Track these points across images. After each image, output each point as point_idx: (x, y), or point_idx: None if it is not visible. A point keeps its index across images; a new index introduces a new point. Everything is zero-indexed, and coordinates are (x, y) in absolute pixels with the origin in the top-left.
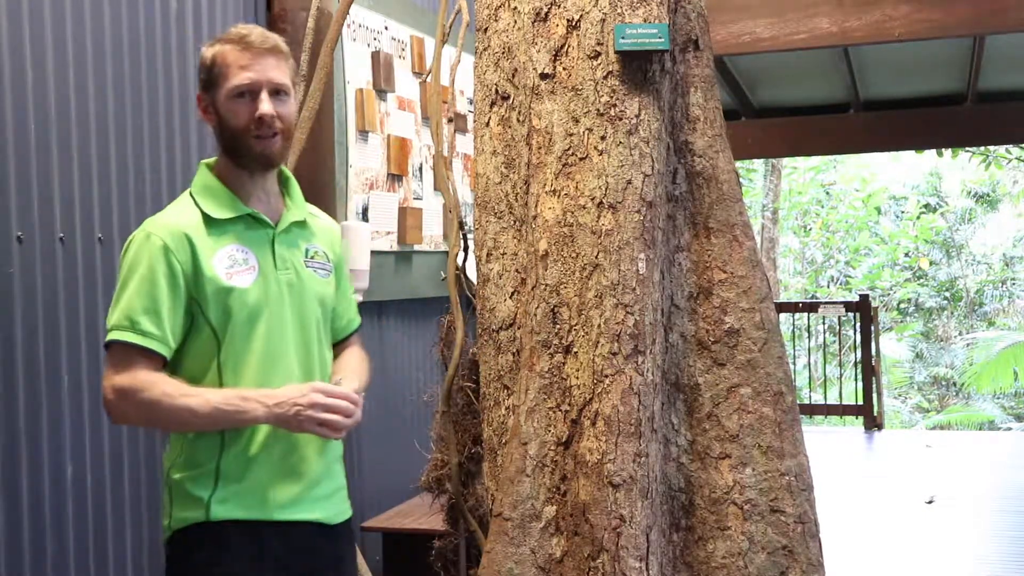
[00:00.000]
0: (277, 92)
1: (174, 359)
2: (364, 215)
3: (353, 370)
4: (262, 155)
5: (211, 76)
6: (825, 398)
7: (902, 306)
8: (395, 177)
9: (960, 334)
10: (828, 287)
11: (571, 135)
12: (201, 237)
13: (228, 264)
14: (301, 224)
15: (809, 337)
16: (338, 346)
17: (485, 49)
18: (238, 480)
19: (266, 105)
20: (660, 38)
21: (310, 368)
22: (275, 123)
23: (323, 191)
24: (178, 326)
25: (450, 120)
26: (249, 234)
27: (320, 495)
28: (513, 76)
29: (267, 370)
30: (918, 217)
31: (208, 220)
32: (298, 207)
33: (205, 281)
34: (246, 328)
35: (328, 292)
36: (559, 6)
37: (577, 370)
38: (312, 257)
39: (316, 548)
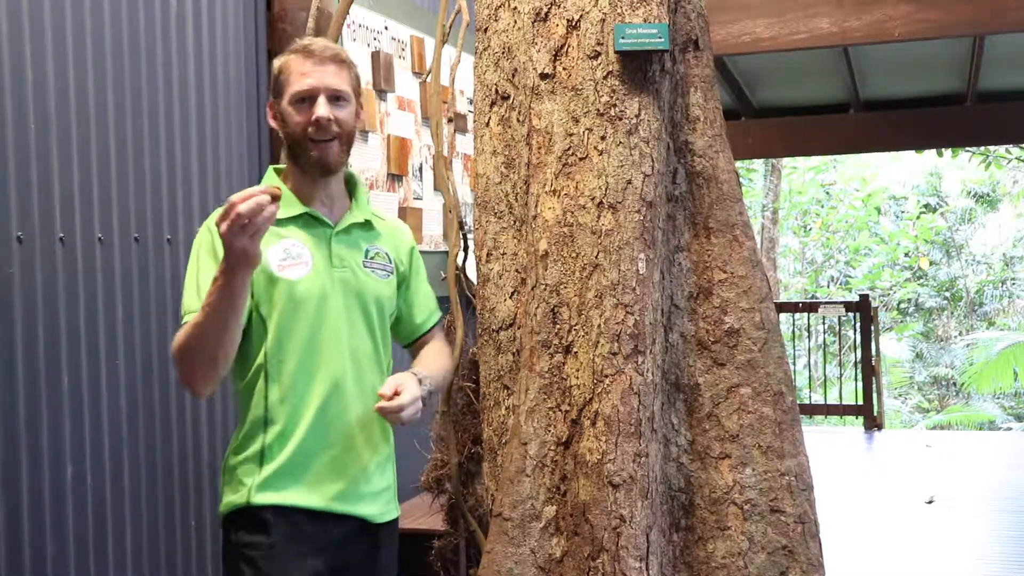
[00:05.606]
0: (336, 98)
1: None
2: None
3: (426, 364)
4: (320, 160)
5: (278, 84)
6: (825, 398)
7: (902, 306)
8: (395, 177)
9: (960, 334)
10: (828, 287)
11: (571, 135)
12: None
13: (282, 257)
14: (363, 226)
15: (809, 337)
16: (417, 342)
17: (485, 49)
18: (280, 462)
19: (323, 109)
20: (660, 38)
21: (361, 361)
22: (331, 127)
23: None
24: None
25: (450, 120)
26: (307, 231)
27: (368, 491)
28: (513, 76)
29: (311, 358)
30: (918, 217)
31: None
32: (361, 209)
33: (258, 271)
34: (290, 319)
35: (387, 292)
36: (559, 6)
37: (577, 370)
38: (372, 258)
39: (356, 544)
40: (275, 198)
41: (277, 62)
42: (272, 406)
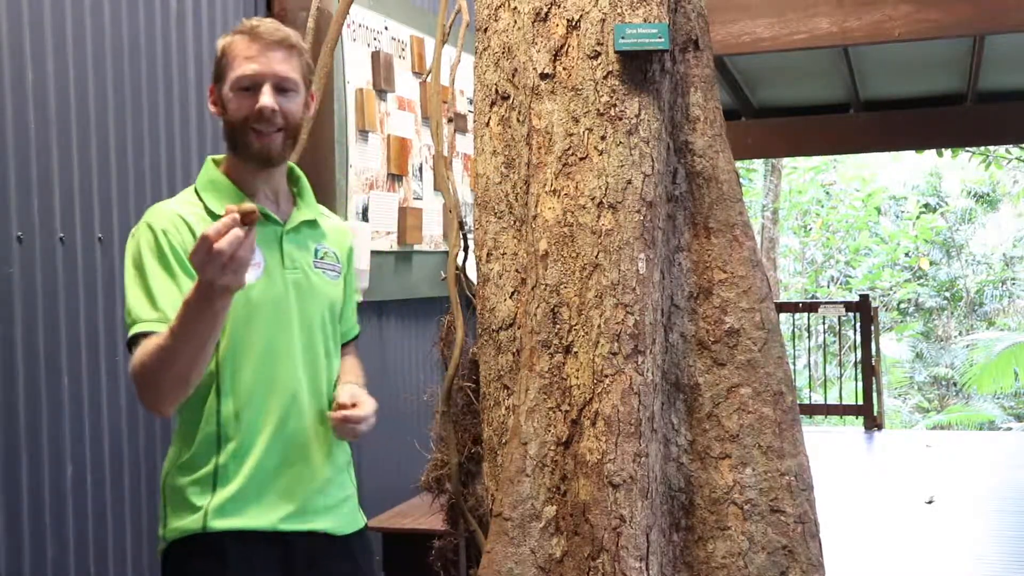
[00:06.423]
0: (283, 88)
1: None
2: (364, 215)
3: (353, 379)
4: (260, 151)
5: (219, 67)
6: (825, 398)
7: (902, 306)
8: (395, 177)
9: (960, 334)
10: (828, 287)
11: (571, 135)
12: (203, 229)
13: None
14: (311, 224)
15: (809, 337)
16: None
17: (485, 49)
18: (237, 484)
19: (267, 98)
20: (660, 38)
21: (315, 369)
22: (276, 118)
23: (323, 191)
24: (178, 297)
25: (450, 120)
26: (257, 231)
27: (324, 505)
28: (513, 76)
29: (268, 368)
30: (918, 217)
31: (212, 215)
32: (309, 207)
33: None
34: (245, 324)
35: (337, 294)
36: (559, 6)
37: (577, 370)
38: (322, 258)
39: (323, 561)
40: (251, 221)
41: (220, 42)
42: (226, 422)
